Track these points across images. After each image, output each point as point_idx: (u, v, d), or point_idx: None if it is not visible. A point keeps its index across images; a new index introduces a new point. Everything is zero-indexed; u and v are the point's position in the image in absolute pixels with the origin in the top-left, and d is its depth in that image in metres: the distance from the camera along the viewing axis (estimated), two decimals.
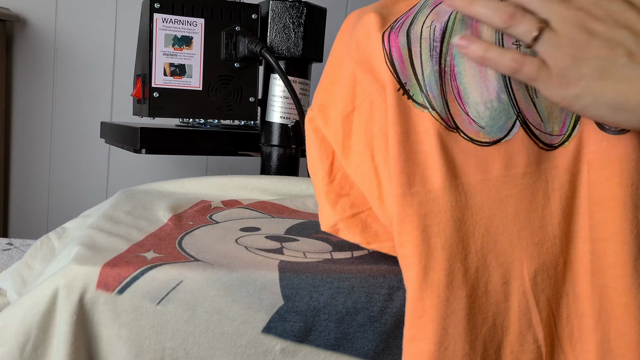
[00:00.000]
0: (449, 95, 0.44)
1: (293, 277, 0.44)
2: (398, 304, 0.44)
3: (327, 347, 0.43)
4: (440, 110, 0.44)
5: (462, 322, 0.41)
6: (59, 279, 0.42)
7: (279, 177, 0.70)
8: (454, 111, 0.44)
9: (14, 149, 1.33)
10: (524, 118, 0.44)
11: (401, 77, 0.45)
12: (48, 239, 0.60)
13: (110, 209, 0.58)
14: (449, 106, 0.44)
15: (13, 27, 1.29)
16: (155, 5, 0.78)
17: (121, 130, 0.92)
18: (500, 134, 0.44)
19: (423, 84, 0.44)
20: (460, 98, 0.44)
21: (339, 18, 1.44)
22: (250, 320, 0.43)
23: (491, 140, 0.44)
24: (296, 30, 0.83)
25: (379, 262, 0.48)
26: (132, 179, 1.37)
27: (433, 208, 0.43)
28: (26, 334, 0.41)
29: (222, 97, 0.82)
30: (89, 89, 1.34)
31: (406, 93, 0.45)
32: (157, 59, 0.79)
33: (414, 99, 0.44)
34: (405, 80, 0.45)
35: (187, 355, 0.42)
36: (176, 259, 0.45)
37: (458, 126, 0.44)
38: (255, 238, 0.52)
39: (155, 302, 0.42)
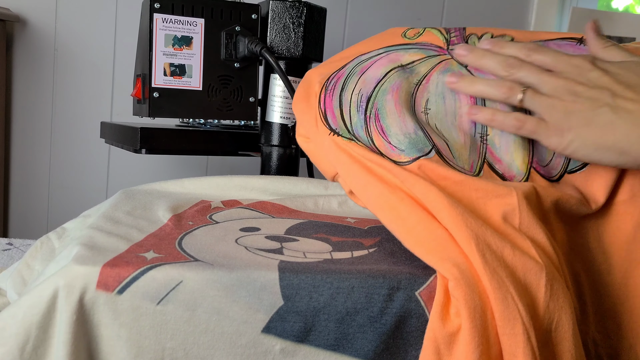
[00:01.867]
0: (373, 133, 0.54)
1: (293, 278, 0.44)
2: (398, 304, 0.44)
3: (326, 347, 0.43)
4: (365, 143, 0.54)
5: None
6: (59, 279, 0.42)
7: (279, 177, 0.70)
8: (378, 143, 0.53)
9: (14, 149, 1.33)
10: (438, 149, 0.52)
11: (332, 126, 0.56)
12: (48, 239, 0.60)
13: (110, 209, 0.58)
14: (373, 140, 0.54)
15: (13, 27, 1.29)
16: (155, 5, 0.78)
17: (121, 130, 0.92)
18: (419, 154, 0.51)
19: (350, 128, 0.55)
20: (384, 133, 0.53)
21: (339, 18, 1.44)
22: (250, 321, 0.43)
23: (411, 159, 0.51)
24: (296, 30, 0.83)
25: (379, 262, 0.48)
26: (132, 179, 1.37)
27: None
28: (26, 334, 0.41)
29: (222, 97, 0.82)
30: (89, 89, 1.34)
31: (336, 133, 0.56)
32: (157, 59, 0.79)
33: (342, 135, 0.55)
34: (336, 127, 0.56)
35: (187, 355, 0.42)
36: (176, 259, 0.45)
37: (382, 153, 0.53)
38: (255, 238, 0.52)
39: (155, 302, 0.42)
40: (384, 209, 0.50)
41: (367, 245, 0.53)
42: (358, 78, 0.58)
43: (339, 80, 0.59)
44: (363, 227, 0.59)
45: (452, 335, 0.42)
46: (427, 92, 0.56)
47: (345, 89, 0.58)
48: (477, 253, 0.43)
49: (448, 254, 0.44)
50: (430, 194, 0.47)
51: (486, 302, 0.42)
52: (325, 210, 0.65)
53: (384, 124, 0.53)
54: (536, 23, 1.56)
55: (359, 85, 0.57)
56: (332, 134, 0.56)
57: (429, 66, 0.57)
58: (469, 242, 0.44)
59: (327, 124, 0.57)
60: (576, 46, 0.57)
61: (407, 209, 0.48)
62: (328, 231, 0.57)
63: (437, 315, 0.43)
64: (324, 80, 0.60)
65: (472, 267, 0.43)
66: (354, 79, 0.58)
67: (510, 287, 0.42)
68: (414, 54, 0.59)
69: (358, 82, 0.57)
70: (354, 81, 0.58)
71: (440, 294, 0.43)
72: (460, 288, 0.42)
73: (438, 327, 0.43)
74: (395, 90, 0.55)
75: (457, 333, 0.42)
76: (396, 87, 0.56)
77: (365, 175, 0.52)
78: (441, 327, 0.42)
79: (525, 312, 0.42)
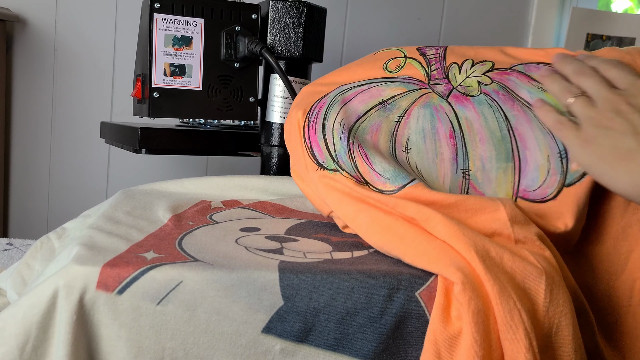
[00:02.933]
0: (357, 158, 0.54)
1: (293, 278, 0.44)
2: (398, 304, 0.44)
3: (326, 347, 0.43)
4: (349, 170, 0.54)
5: None
6: (59, 279, 0.42)
7: (279, 177, 0.70)
8: (362, 170, 0.53)
9: (14, 149, 1.33)
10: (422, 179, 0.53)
11: (319, 160, 0.57)
12: (48, 239, 0.60)
13: (110, 209, 0.58)
14: (357, 167, 0.54)
15: (13, 27, 1.29)
16: (155, 5, 0.78)
17: (121, 130, 0.92)
18: (404, 181, 0.51)
19: (335, 156, 0.55)
20: (368, 159, 0.53)
21: (339, 18, 1.44)
22: (250, 321, 0.43)
23: (397, 188, 0.51)
24: (296, 31, 0.83)
25: (379, 262, 0.48)
26: (132, 179, 1.37)
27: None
28: (26, 334, 0.41)
29: (222, 97, 0.82)
30: (89, 89, 1.34)
31: (322, 167, 0.56)
32: (157, 59, 0.79)
33: (327, 168, 0.56)
34: (323, 160, 0.56)
35: (187, 355, 0.42)
36: (176, 259, 0.45)
37: (367, 181, 0.53)
38: (255, 238, 0.52)
39: (155, 302, 0.42)
40: (378, 232, 0.50)
41: (367, 245, 0.53)
42: (340, 108, 0.59)
43: (321, 110, 0.60)
44: None
45: (453, 338, 0.42)
46: (408, 128, 0.56)
47: (328, 118, 0.58)
48: (478, 259, 0.43)
49: (451, 259, 0.44)
50: (423, 211, 0.48)
51: (489, 306, 0.43)
52: None
53: (368, 152, 0.54)
54: (536, 23, 1.56)
55: (341, 115, 0.58)
56: (319, 169, 0.56)
57: (410, 100, 0.58)
58: (469, 249, 0.44)
59: (314, 159, 0.57)
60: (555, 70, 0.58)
61: (403, 227, 0.48)
62: (328, 231, 0.57)
63: (438, 318, 0.43)
64: (307, 111, 0.61)
65: (475, 272, 0.44)
66: (336, 107, 0.59)
67: (512, 292, 0.42)
68: (395, 89, 0.59)
69: (340, 112, 0.58)
70: (335, 110, 0.58)
71: (441, 297, 0.43)
72: (466, 292, 0.42)
73: (439, 330, 0.43)
74: (374, 131, 0.57)
75: (459, 336, 0.42)
76: (376, 127, 0.57)
77: (356, 203, 0.52)
78: (442, 330, 0.43)
79: (527, 317, 0.42)
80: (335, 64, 1.42)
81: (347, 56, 1.43)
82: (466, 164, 0.54)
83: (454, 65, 0.60)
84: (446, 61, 0.61)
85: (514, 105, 0.56)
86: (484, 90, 0.57)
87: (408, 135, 0.56)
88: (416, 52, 0.63)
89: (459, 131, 0.55)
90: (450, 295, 0.44)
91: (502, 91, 0.57)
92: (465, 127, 0.56)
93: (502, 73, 0.58)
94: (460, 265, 0.44)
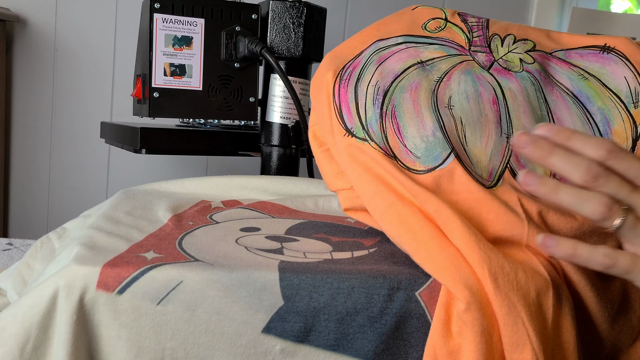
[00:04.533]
0: (388, 130, 0.51)
1: (293, 278, 0.44)
2: (398, 304, 0.44)
3: (326, 347, 0.43)
4: (379, 142, 0.51)
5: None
6: (59, 279, 0.42)
7: (279, 177, 0.70)
8: (392, 144, 0.50)
9: (14, 149, 1.33)
10: (457, 153, 0.49)
11: (348, 124, 0.53)
12: (48, 239, 0.60)
13: (110, 209, 0.58)
14: (387, 139, 0.51)
15: (13, 27, 1.29)
16: (155, 5, 0.78)
17: (121, 130, 0.92)
18: (435, 163, 0.49)
19: (365, 123, 0.52)
20: (400, 132, 0.51)
21: (339, 18, 1.44)
22: (250, 321, 0.43)
23: (426, 169, 0.49)
24: (296, 31, 0.83)
25: (379, 262, 0.48)
26: (132, 179, 1.37)
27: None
28: (26, 334, 0.41)
29: (222, 97, 0.82)
30: (89, 89, 1.34)
31: (351, 134, 0.53)
32: (157, 59, 0.79)
33: (356, 136, 0.52)
34: (352, 125, 0.53)
35: (187, 355, 0.42)
36: (176, 259, 0.45)
37: (396, 156, 0.50)
38: (255, 238, 0.52)
39: (155, 302, 0.42)
40: (393, 221, 0.47)
41: (368, 245, 0.53)
42: (375, 68, 0.55)
43: (355, 70, 0.56)
44: (363, 227, 0.59)
45: (453, 354, 0.42)
46: (450, 89, 0.53)
47: (362, 80, 0.54)
48: (489, 277, 0.42)
49: (461, 274, 0.42)
50: (443, 212, 0.45)
51: (493, 325, 0.42)
52: (326, 210, 0.65)
53: (401, 123, 0.51)
54: (536, 23, 1.56)
55: (376, 76, 0.54)
56: (347, 135, 0.53)
57: (450, 64, 0.55)
58: (482, 265, 0.42)
59: (342, 121, 0.53)
60: (599, 55, 0.55)
61: (419, 223, 0.46)
62: (328, 231, 0.57)
63: (438, 333, 0.42)
64: (339, 70, 0.56)
65: (484, 289, 0.42)
66: (371, 69, 0.55)
67: (522, 311, 0.41)
68: (434, 52, 0.56)
69: (375, 73, 0.54)
70: (370, 71, 0.55)
71: (442, 311, 0.43)
72: (471, 312, 0.41)
73: (439, 344, 0.42)
74: (414, 89, 0.52)
75: (459, 352, 0.42)
76: (415, 85, 0.53)
77: (375, 184, 0.49)
78: (442, 345, 0.42)
79: (535, 337, 0.41)
80: None
81: None
82: (510, 130, 0.51)
83: (496, 37, 0.57)
84: (489, 30, 0.58)
85: (553, 90, 0.53)
86: (526, 69, 0.54)
87: (450, 94, 0.53)
88: (457, 17, 0.60)
89: (502, 99, 0.52)
90: (451, 309, 0.43)
91: (543, 73, 0.54)
92: (509, 97, 0.52)
93: (543, 56, 0.56)
94: (469, 282, 0.42)
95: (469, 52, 0.56)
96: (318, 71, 0.59)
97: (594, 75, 0.55)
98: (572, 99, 0.53)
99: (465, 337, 0.41)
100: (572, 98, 0.53)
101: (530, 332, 0.41)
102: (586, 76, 0.54)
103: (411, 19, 0.60)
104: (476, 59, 0.56)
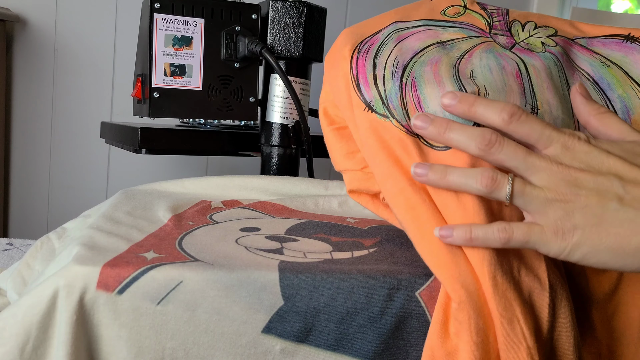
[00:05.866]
0: (409, 104, 0.49)
1: (293, 278, 0.44)
2: (398, 304, 0.44)
3: (327, 347, 0.43)
4: (400, 119, 0.49)
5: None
6: (59, 279, 0.42)
7: (279, 177, 0.70)
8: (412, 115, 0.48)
9: (14, 149, 1.33)
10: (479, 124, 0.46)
11: (366, 97, 0.51)
12: (48, 239, 0.60)
13: (110, 209, 0.58)
14: (408, 115, 0.49)
15: (13, 27, 1.29)
16: (155, 5, 0.78)
17: (121, 130, 0.92)
18: None
19: (384, 97, 0.50)
20: (420, 106, 0.49)
21: (339, 18, 1.44)
22: (250, 321, 0.43)
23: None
24: (296, 30, 0.83)
25: (379, 262, 0.48)
26: (132, 179, 1.37)
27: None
28: (26, 334, 0.41)
29: (222, 97, 0.82)
30: (89, 89, 1.34)
31: (370, 108, 0.51)
32: (157, 59, 0.79)
33: (376, 111, 0.50)
34: (370, 99, 0.51)
35: (187, 355, 0.42)
36: (176, 259, 0.45)
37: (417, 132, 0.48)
38: (255, 238, 0.52)
39: (155, 302, 0.42)
40: (402, 206, 0.46)
41: (367, 246, 0.53)
42: (394, 45, 0.53)
43: (373, 45, 0.55)
44: (363, 227, 0.59)
45: (451, 355, 0.41)
46: (471, 64, 0.52)
47: (380, 53, 0.53)
48: (488, 275, 0.41)
49: (459, 272, 0.42)
50: (450, 205, 0.44)
51: (490, 325, 0.41)
52: (326, 210, 0.65)
53: (422, 95, 0.49)
54: None
55: (395, 52, 0.52)
56: (367, 110, 0.51)
57: (471, 44, 0.54)
58: (481, 263, 0.42)
59: (360, 94, 0.52)
60: (622, 44, 0.55)
61: (427, 213, 0.45)
62: (328, 231, 0.57)
63: (436, 334, 0.42)
64: (357, 43, 0.55)
65: (481, 288, 0.42)
66: (390, 45, 0.54)
67: (517, 310, 0.41)
68: (454, 33, 0.55)
69: (394, 50, 0.53)
70: (389, 47, 0.53)
71: (440, 313, 0.43)
72: (464, 311, 0.41)
73: (437, 346, 0.42)
74: (434, 63, 0.51)
75: (456, 353, 0.41)
76: (435, 60, 0.52)
77: (390, 166, 0.48)
78: (439, 346, 0.42)
79: (530, 336, 0.41)
80: None
81: None
82: (534, 102, 0.50)
83: (517, 23, 0.56)
84: (509, 17, 0.57)
85: (574, 74, 0.52)
86: (548, 50, 0.54)
87: (472, 68, 0.52)
88: (476, 5, 0.59)
89: (525, 73, 0.51)
90: (449, 310, 0.43)
91: (565, 57, 0.53)
92: (532, 72, 0.51)
93: (565, 41, 0.55)
94: (467, 281, 0.42)
95: (490, 35, 0.55)
96: (334, 46, 0.58)
97: (616, 64, 0.54)
98: (593, 85, 0.52)
99: (462, 337, 0.41)
100: (593, 84, 0.52)
101: (526, 331, 0.40)
102: (608, 64, 0.53)
103: (430, 7, 0.60)
104: (497, 40, 0.55)
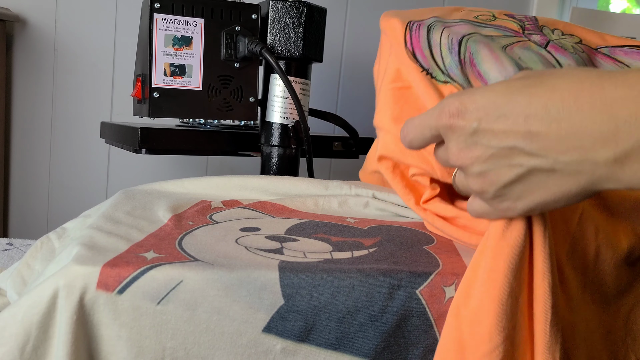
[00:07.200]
0: (470, 75, 0.51)
1: (293, 277, 0.44)
2: (399, 302, 0.44)
3: (327, 346, 0.43)
4: (462, 83, 0.50)
5: None
6: (59, 279, 0.42)
7: (279, 177, 0.70)
8: (475, 85, 0.49)
9: (14, 149, 1.33)
10: None
11: (424, 65, 0.52)
12: (48, 239, 0.60)
13: (110, 209, 0.58)
14: (470, 82, 0.50)
15: (13, 27, 1.29)
16: (155, 5, 0.78)
17: (121, 130, 0.92)
18: None
19: (444, 69, 0.51)
20: (481, 77, 0.50)
21: (339, 18, 1.44)
22: (250, 320, 0.43)
23: None
24: (296, 31, 0.83)
25: (379, 262, 0.48)
26: (132, 179, 1.37)
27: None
28: (26, 334, 0.41)
29: (222, 97, 0.82)
30: (89, 89, 1.34)
31: (429, 74, 0.51)
32: (157, 59, 0.79)
33: (437, 78, 0.51)
34: (428, 66, 0.52)
35: (188, 354, 0.42)
36: (176, 259, 0.45)
37: None
38: (255, 238, 0.52)
39: (156, 302, 0.42)
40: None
41: (368, 245, 0.53)
42: (442, 28, 0.55)
43: (422, 26, 0.56)
44: (363, 227, 0.59)
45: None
46: (516, 53, 0.53)
47: (432, 32, 0.55)
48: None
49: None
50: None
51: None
52: (326, 210, 0.65)
53: (482, 69, 0.50)
54: None
55: (446, 33, 0.54)
56: (424, 72, 0.51)
57: (509, 41, 0.55)
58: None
59: (418, 62, 0.53)
60: None
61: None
62: (328, 231, 0.57)
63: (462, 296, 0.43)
64: (406, 22, 0.57)
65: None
66: (438, 28, 0.55)
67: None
68: (492, 31, 0.57)
69: (444, 32, 0.54)
70: (438, 30, 0.55)
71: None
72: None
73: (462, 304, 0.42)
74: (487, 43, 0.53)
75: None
76: (487, 41, 0.53)
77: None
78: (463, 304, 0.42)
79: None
80: (335, 64, 1.41)
81: (347, 56, 1.43)
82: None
83: (546, 27, 0.58)
84: (538, 22, 0.60)
85: None
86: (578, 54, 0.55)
87: (519, 55, 0.53)
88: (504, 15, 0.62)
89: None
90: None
91: (590, 64, 0.55)
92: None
93: (589, 50, 0.57)
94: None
95: (524, 35, 0.57)
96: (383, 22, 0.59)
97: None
98: None
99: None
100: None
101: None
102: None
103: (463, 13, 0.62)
104: (531, 39, 0.56)
